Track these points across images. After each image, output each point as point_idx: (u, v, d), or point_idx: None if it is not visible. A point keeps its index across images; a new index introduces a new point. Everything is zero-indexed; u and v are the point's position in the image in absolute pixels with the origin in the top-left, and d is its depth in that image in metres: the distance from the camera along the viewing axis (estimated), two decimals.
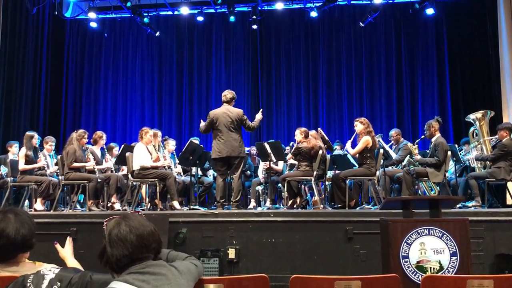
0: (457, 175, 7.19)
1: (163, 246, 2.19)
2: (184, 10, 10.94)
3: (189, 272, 1.77)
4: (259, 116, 6.37)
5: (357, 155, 6.33)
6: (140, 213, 1.87)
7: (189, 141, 6.86)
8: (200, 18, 11.17)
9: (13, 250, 1.83)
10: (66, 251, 2.17)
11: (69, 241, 2.22)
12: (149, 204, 6.91)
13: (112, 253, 1.65)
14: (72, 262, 2.13)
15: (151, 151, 6.47)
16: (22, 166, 6.59)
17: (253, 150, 8.69)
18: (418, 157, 6.54)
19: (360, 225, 5.13)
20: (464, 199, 6.25)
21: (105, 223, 1.78)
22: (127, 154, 6.50)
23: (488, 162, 6.54)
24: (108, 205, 6.67)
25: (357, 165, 6.54)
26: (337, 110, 11.13)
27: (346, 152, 6.84)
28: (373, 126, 6.50)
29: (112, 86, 11.83)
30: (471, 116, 7.26)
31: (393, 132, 7.43)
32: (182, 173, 7.59)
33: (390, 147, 7.35)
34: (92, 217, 5.67)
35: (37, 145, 6.89)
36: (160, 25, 11.59)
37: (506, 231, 4.96)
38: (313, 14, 10.65)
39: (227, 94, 6.27)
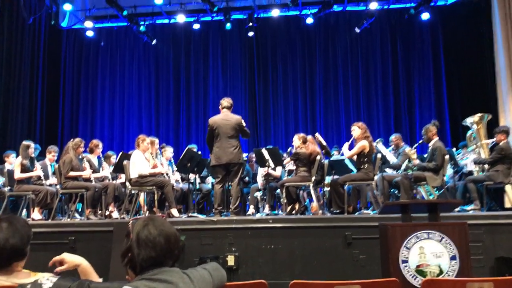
0: (458, 179, 7.18)
1: None
2: (181, 18, 10.94)
3: (203, 280, 1.74)
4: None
5: (355, 159, 6.32)
6: (164, 216, 1.87)
7: (186, 148, 6.86)
8: (196, 26, 11.16)
9: (4, 258, 1.82)
10: (73, 257, 2.00)
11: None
12: (147, 212, 6.87)
13: (139, 253, 1.65)
14: (86, 263, 2.03)
15: (148, 158, 6.45)
16: (18, 175, 6.55)
17: (252, 156, 8.67)
18: (417, 161, 6.53)
19: (359, 230, 5.12)
20: (463, 202, 6.24)
21: (131, 222, 1.77)
22: (125, 162, 6.48)
23: (486, 165, 6.55)
24: (106, 213, 6.65)
25: (355, 170, 6.54)
26: (334, 116, 11.13)
27: (342, 156, 6.83)
28: (370, 131, 6.51)
29: (109, 94, 11.81)
30: (468, 120, 7.27)
31: (393, 137, 7.45)
32: (180, 181, 7.57)
33: (390, 152, 7.35)
34: (90, 226, 5.64)
35: (33, 155, 6.85)
36: (157, 33, 11.60)
37: (505, 234, 4.96)
38: (309, 20, 10.69)
39: (225, 102, 6.24)
